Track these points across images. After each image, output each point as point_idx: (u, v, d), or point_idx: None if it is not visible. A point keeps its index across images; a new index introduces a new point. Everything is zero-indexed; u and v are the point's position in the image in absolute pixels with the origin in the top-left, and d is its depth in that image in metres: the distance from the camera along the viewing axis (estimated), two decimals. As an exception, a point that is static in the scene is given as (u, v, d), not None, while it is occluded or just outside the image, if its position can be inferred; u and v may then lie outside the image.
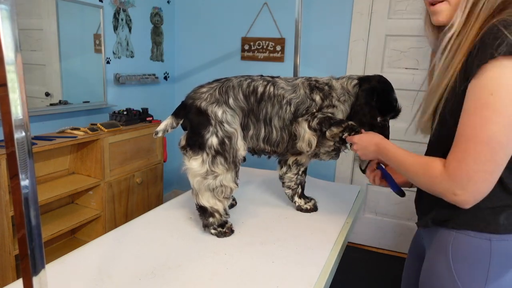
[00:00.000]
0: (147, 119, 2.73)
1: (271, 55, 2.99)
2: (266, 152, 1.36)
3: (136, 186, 2.64)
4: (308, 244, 1.19)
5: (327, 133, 1.26)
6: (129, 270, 1.02)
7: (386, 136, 1.26)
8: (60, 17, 2.28)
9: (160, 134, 1.23)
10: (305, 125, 1.27)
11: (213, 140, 1.17)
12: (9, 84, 0.53)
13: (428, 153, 0.96)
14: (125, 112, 2.62)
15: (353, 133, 1.21)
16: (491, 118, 0.72)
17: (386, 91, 1.28)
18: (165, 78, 3.29)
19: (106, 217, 2.41)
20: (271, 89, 1.27)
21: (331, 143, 1.29)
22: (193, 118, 1.20)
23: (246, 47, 3.06)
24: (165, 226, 1.30)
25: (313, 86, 1.31)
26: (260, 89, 1.26)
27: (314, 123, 1.26)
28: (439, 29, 0.93)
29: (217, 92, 1.22)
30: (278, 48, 2.96)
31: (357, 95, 1.28)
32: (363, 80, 1.31)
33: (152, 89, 3.14)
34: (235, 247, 1.16)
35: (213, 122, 1.18)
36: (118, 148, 2.44)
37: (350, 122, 1.24)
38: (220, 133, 1.18)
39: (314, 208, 1.45)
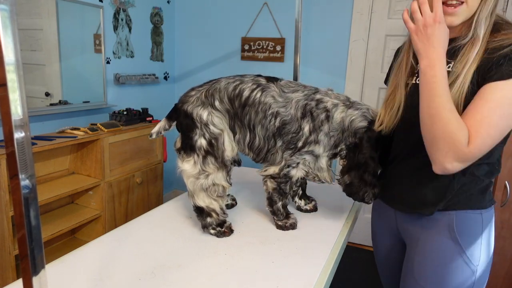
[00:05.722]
0: (147, 119, 2.73)
1: (271, 55, 2.99)
2: (251, 158, 1.32)
3: (136, 186, 2.64)
4: (308, 244, 1.19)
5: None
6: (129, 270, 1.02)
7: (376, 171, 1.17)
8: (60, 17, 2.29)
9: (154, 136, 1.27)
10: (275, 169, 1.25)
11: (202, 142, 1.19)
12: (9, 84, 0.52)
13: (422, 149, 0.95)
14: (125, 112, 2.63)
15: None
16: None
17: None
18: (165, 78, 3.29)
19: (106, 217, 2.41)
20: (258, 95, 1.20)
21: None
22: (182, 121, 1.23)
23: (246, 47, 3.06)
24: (165, 226, 1.30)
25: (308, 110, 1.18)
26: (246, 93, 1.20)
27: (282, 174, 1.23)
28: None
29: (203, 95, 1.22)
30: (278, 48, 2.96)
31: (360, 141, 1.16)
32: (373, 124, 1.14)
33: (152, 89, 3.14)
34: (235, 247, 1.16)
35: (198, 124, 1.20)
36: (118, 148, 2.44)
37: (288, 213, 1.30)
38: (207, 135, 1.19)
39: (314, 209, 1.45)
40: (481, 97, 0.86)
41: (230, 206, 1.45)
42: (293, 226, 1.28)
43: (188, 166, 1.20)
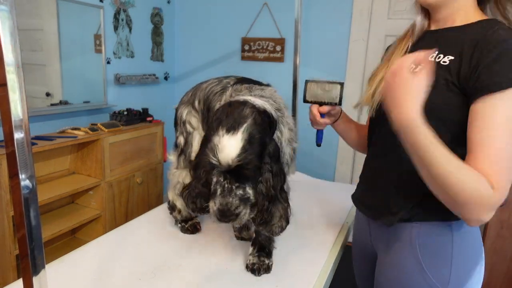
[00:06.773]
0: (147, 119, 2.73)
1: (271, 55, 2.99)
2: None
3: (136, 186, 2.64)
4: (308, 244, 1.19)
5: None
6: (129, 270, 1.02)
7: (278, 179, 0.90)
8: (60, 17, 2.29)
9: None
10: None
11: (181, 140, 1.23)
12: (9, 84, 0.53)
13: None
14: (125, 112, 2.63)
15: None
16: None
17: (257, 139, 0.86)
18: (165, 78, 3.29)
19: (106, 217, 2.41)
20: (214, 99, 1.13)
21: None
22: (174, 119, 1.28)
23: (246, 47, 3.06)
24: (165, 226, 1.30)
25: None
26: (210, 97, 1.15)
27: None
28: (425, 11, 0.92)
29: (190, 94, 1.24)
30: (278, 48, 2.96)
31: None
32: None
33: (152, 89, 3.14)
34: (235, 247, 1.16)
35: (179, 121, 1.23)
36: (118, 148, 2.44)
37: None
38: (184, 133, 1.23)
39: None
40: (484, 124, 0.72)
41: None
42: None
43: (172, 159, 1.27)
